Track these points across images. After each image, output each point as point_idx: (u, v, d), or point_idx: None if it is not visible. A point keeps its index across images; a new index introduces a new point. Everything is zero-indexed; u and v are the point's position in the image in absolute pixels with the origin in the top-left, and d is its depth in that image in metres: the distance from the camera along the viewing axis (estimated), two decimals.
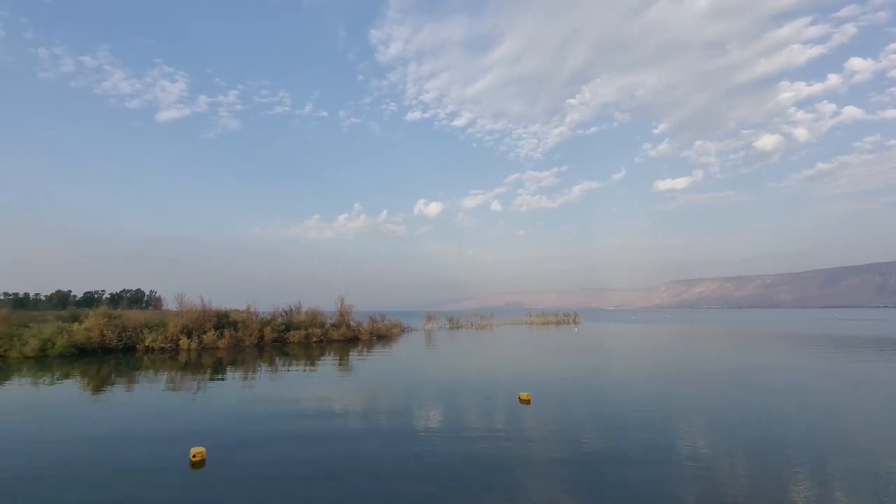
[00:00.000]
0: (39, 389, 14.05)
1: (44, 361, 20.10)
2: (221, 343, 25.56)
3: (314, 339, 29.29)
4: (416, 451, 7.46)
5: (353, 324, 33.19)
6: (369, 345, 28.42)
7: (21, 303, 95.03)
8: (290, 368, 18.33)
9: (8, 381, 15.23)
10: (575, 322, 60.21)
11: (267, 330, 28.04)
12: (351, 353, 23.50)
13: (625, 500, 5.47)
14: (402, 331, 40.92)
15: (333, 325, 31.96)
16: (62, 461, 7.19)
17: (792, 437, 8.05)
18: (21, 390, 13.92)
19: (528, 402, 10.91)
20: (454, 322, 52.88)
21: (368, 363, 20.30)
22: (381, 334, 34.44)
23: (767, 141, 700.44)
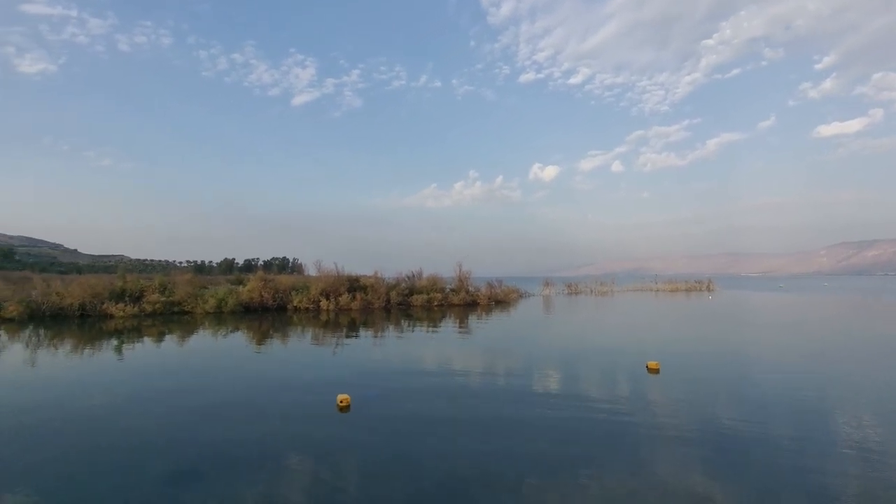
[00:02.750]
0: (218, 339, 17.01)
1: (219, 317, 24.15)
2: (354, 305, 28.18)
3: (435, 303, 30.83)
4: (535, 411, 7.59)
5: (471, 289, 34.14)
6: (487, 309, 29.10)
7: (199, 269, 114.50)
8: (415, 329, 19.61)
9: (195, 333, 18.62)
10: (708, 289, 54.82)
11: (392, 294, 30.20)
12: (470, 317, 24.34)
13: (774, 489, 4.99)
14: (520, 296, 41.08)
15: (453, 290, 33.22)
16: (235, 400, 8.71)
17: None
18: (205, 340, 16.99)
19: (656, 371, 10.38)
20: (572, 288, 51.57)
21: (488, 327, 20.87)
22: (498, 299, 35.00)
23: None
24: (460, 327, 20.43)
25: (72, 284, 24.93)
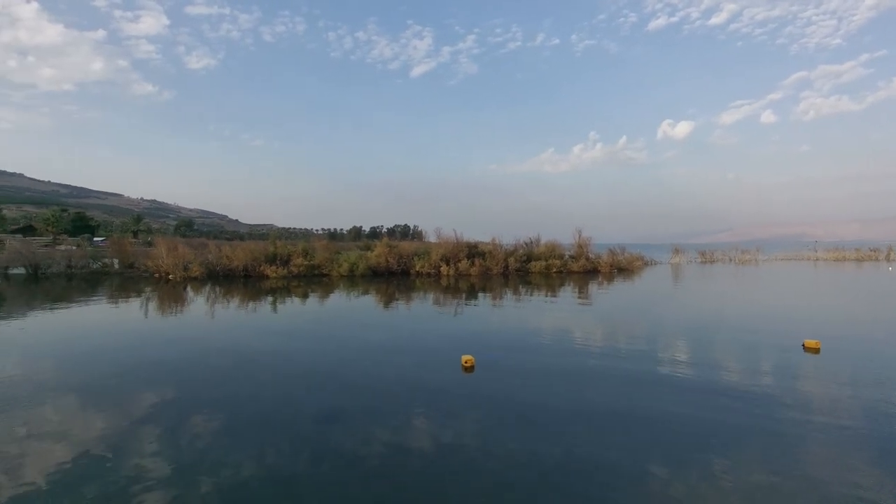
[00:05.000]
0: (352, 300, 18.81)
1: (352, 279, 26.56)
2: (473, 270, 28.89)
3: (554, 270, 30.29)
4: (664, 388, 7.17)
5: (591, 256, 32.85)
6: (609, 277, 27.80)
7: (332, 236, 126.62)
8: (533, 296, 19.55)
9: (333, 293, 20.76)
10: (888, 259, 45.59)
11: (510, 260, 30.33)
12: (590, 285, 23.50)
13: None
14: (645, 264, 38.44)
15: (572, 257, 32.28)
16: (370, 354, 9.60)
17: None
18: (341, 300, 18.90)
19: (816, 351, 9.08)
20: (706, 256, 46.75)
21: (610, 295, 20.00)
22: (621, 267, 33.17)
23: None
24: (580, 295, 19.88)
25: (237, 249, 29.25)
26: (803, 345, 9.40)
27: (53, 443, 5.22)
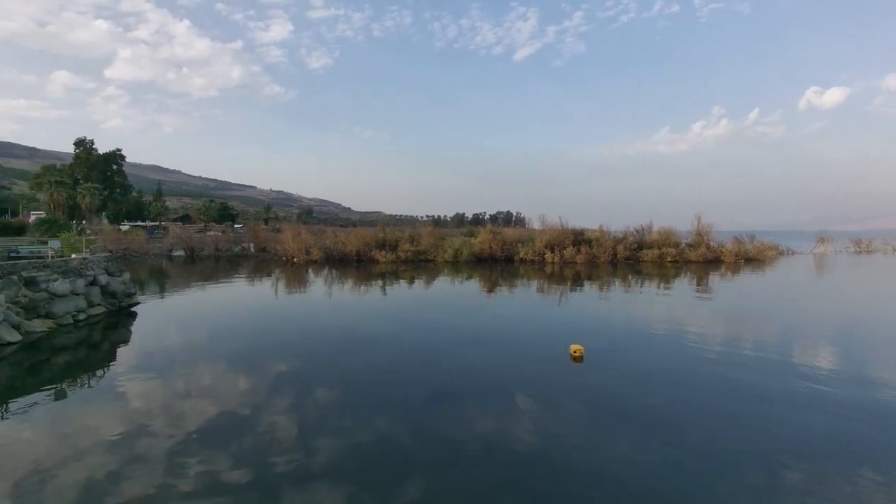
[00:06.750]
0: (456, 285, 19.33)
1: (455, 265, 27.22)
2: (579, 258, 27.95)
3: (668, 259, 28.15)
4: (794, 392, 6.41)
5: (713, 244, 29.92)
6: (734, 268, 25.14)
7: (436, 222, 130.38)
8: (644, 286, 18.42)
9: (438, 278, 21.50)
10: None
11: (619, 248, 28.78)
12: (711, 276, 21.48)
13: None
14: (779, 254, 34.06)
15: (690, 246, 29.70)
16: (477, 338, 9.84)
17: None
18: (446, 285, 19.51)
19: None
20: (862, 245, 40.05)
21: (734, 289, 18.15)
22: (749, 257, 29.75)
23: None
24: (698, 287, 18.29)
25: (350, 235, 31.55)
26: None
27: (204, 401, 6.18)
